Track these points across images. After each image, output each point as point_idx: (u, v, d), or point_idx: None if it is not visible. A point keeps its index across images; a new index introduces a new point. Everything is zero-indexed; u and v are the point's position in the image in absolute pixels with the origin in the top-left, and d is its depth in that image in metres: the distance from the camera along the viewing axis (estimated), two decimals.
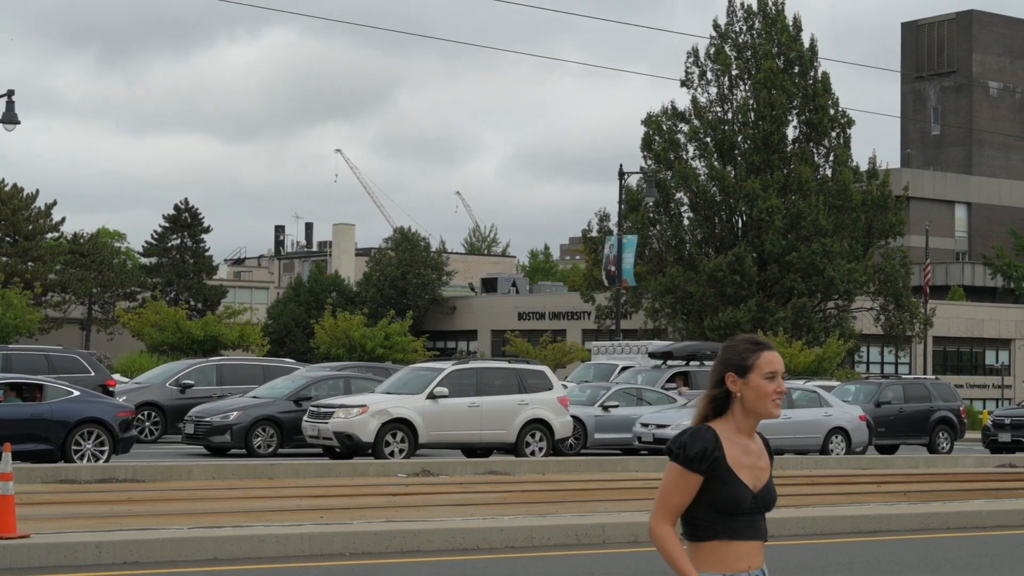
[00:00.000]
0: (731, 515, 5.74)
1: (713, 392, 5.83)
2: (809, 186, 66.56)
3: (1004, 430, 40.75)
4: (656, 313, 68.83)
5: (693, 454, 5.67)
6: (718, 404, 5.82)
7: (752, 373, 5.76)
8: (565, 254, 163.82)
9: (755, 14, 69.63)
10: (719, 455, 5.69)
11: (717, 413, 5.82)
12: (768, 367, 5.77)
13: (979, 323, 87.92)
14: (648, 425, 34.85)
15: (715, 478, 5.69)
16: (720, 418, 5.81)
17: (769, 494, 5.86)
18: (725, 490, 5.70)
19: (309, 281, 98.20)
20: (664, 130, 69.65)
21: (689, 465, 5.68)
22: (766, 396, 5.76)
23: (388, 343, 63.36)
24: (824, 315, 68.06)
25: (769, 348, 5.83)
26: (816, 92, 68.67)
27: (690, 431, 5.75)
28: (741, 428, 5.80)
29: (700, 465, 5.67)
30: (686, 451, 5.68)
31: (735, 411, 5.80)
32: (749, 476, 5.76)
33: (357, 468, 26.53)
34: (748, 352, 5.80)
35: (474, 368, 32.79)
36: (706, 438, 5.70)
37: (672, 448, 5.74)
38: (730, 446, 5.73)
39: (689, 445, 5.69)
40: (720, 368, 5.82)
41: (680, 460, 5.70)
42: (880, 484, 25.52)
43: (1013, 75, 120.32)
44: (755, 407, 5.78)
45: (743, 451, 5.77)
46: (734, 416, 5.80)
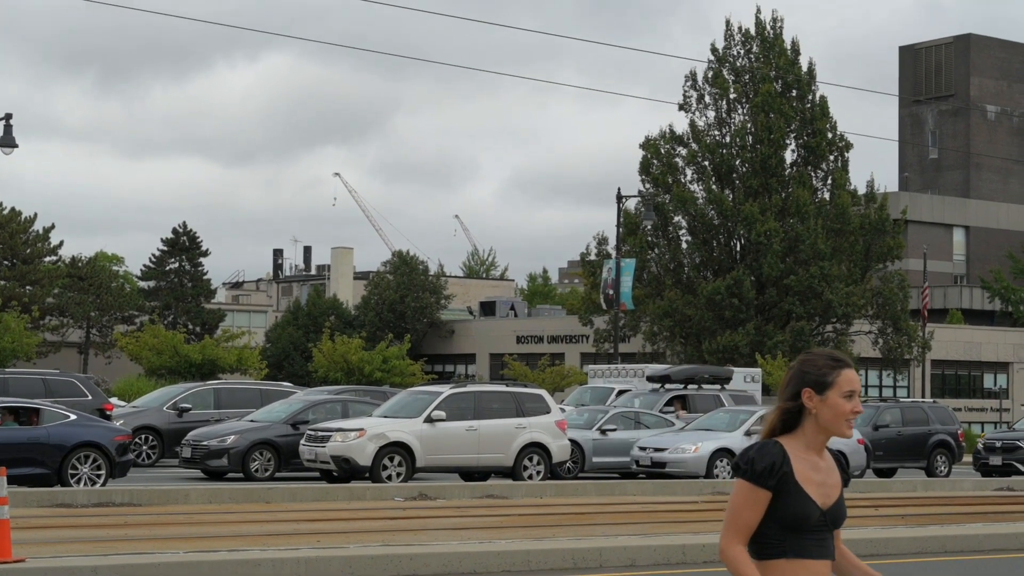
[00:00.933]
0: (799, 533, 5.55)
1: (786, 406, 5.65)
2: (807, 209, 66.62)
3: (995, 453, 40.52)
4: (654, 336, 68.82)
5: (761, 469, 5.49)
6: (789, 419, 5.66)
7: (831, 390, 5.60)
8: (563, 278, 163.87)
9: (753, 38, 69.79)
10: (787, 470, 5.52)
11: (787, 428, 5.66)
12: (848, 385, 5.61)
13: (977, 346, 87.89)
14: (646, 449, 34.80)
15: (783, 494, 5.52)
16: (789, 434, 5.64)
17: (838, 511, 5.65)
18: (793, 506, 5.52)
19: (307, 305, 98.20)
20: (662, 154, 69.74)
21: (757, 480, 5.50)
22: (842, 415, 5.60)
23: (386, 367, 63.33)
24: (822, 338, 68.04)
25: (849, 366, 5.67)
26: (814, 116, 68.79)
27: (757, 446, 5.59)
28: (811, 445, 5.63)
29: (768, 480, 5.49)
30: (754, 466, 5.51)
31: (806, 427, 5.63)
32: (818, 493, 5.57)
33: (354, 492, 26.47)
34: (828, 368, 5.64)
35: (472, 392, 32.76)
36: (774, 452, 5.54)
37: (739, 463, 5.56)
38: (798, 462, 5.56)
39: (757, 460, 5.52)
40: (797, 382, 5.64)
41: (748, 475, 5.52)
42: (878, 507, 25.48)
43: (1011, 99, 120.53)
44: (830, 425, 5.61)
45: (812, 467, 5.60)
46: (804, 432, 5.63)
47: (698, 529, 20.19)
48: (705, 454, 33.97)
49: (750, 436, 34.90)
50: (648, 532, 19.40)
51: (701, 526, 20.85)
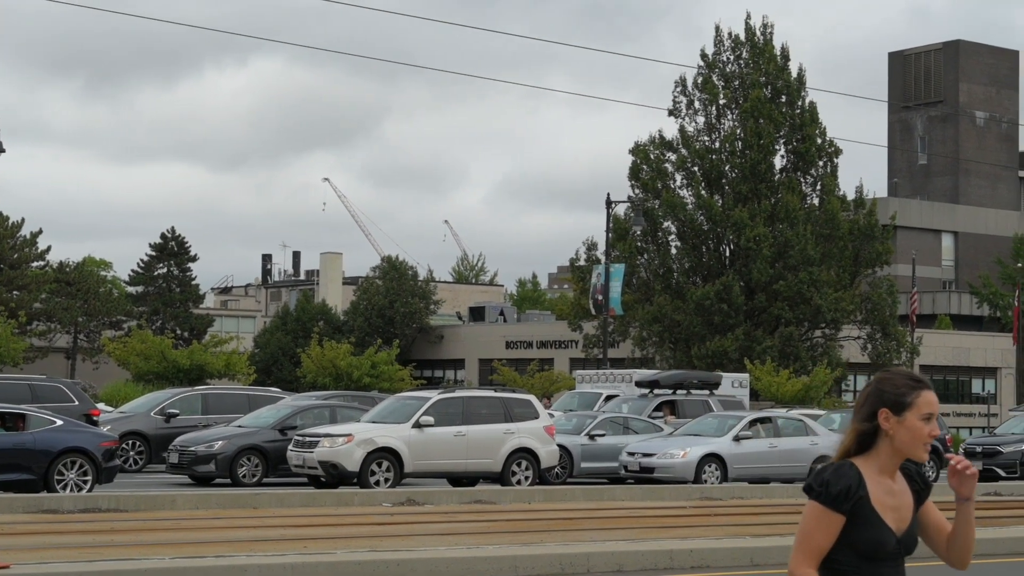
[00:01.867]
0: (874, 561, 5.33)
1: (861, 427, 5.41)
2: (796, 215, 66.67)
3: (976, 459, 40.33)
4: (643, 342, 68.81)
5: (836, 492, 5.26)
6: (864, 440, 5.41)
7: (909, 412, 5.37)
8: (553, 283, 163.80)
9: (742, 44, 69.83)
10: (863, 495, 5.30)
11: (862, 449, 5.41)
12: (927, 408, 5.38)
13: (966, 352, 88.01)
14: (635, 454, 34.78)
15: (858, 519, 5.30)
16: (863, 455, 5.40)
17: (912, 537, 5.44)
18: (868, 532, 5.30)
19: (296, 310, 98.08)
20: (652, 159, 69.75)
21: (832, 504, 5.26)
22: (920, 438, 5.36)
23: (375, 372, 63.26)
24: (811, 344, 68.09)
25: (928, 387, 5.45)
26: (803, 121, 68.84)
27: (832, 467, 5.35)
28: (885, 468, 5.39)
29: (843, 504, 5.27)
30: (828, 489, 5.27)
31: (881, 449, 5.39)
32: (893, 519, 5.35)
33: (342, 497, 26.41)
34: (908, 389, 5.41)
35: (460, 397, 32.73)
36: (849, 475, 5.31)
37: (812, 485, 5.32)
38: (874, 486, 5.33)
39: (832, 483, 5.28)
40: (874, 402, 5.41)
41: (822, 499, 5.28)
42: None
43: (999, 105, 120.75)
44: (906, 448, 5.38)
45: (887, 492, 5.37)
46: (879, 455, 5.39)
47: (686, 534, 20.16)
48: (693, 459, 33.95)
49: (739, 441, 34.92)
50: (636, 537, 19.36)
51: (689, 531, 20.83)
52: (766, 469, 35.24)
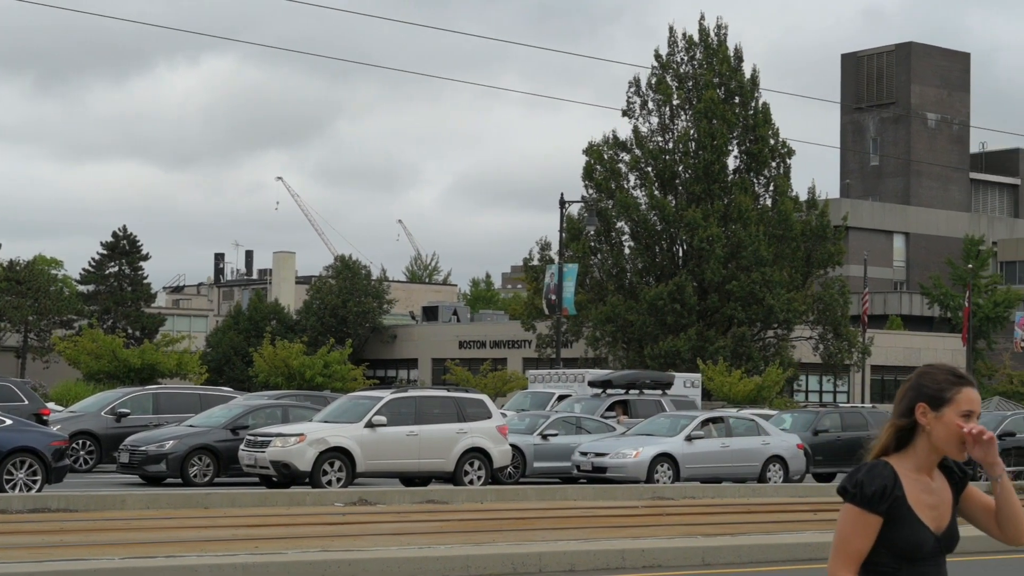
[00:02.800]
0: (914, 561, 5.16)
1: (900, 422, 5.25)
2: (749, 216, 66.90)
3: None
4: (596, 342, 68.91)
5: (871, 493, 5.10)
6: (902, 435, 5.25)
7: (948, 407, 5.17)
8: (506, 283, 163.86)
9: (696, 45, 70.01)
10: (899, 494, 5.13)
11: (899, 446, 5.25)
12: (967, 404, 5.17)
13: (916, 352, 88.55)
14: (587, 454, 34.79)
15: (895, 520, 5.13)
16: (900, 452, 5.24)
17: (952, 535, 5.26)
18: (906, 533, 5.13)
19: (248, 309, 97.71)
20: (605, 159, 69.85)
21: (867, 505, 5.10)
22: (957, 436, 5.16)
23: (327, 372, 63.07)
24: (763, 344, 68.35)
25: (971, 384, 5.25)
26: (757, 122, 69.11)
27: (866, 467, 5.20)
28: (922, 465, 5.22)
29: (879, 505, 5.10)
30: (863, 489, 5.11)
31: (918, 446, 5.22)
32: (931, 517, 5.18)
33: (294, 497, 26.31)
34: (948, 384, 5.21)
35: (413, 397, 32.66)
36: (884, 475, 5.14)
37: (846, 487, 5.16)
38: (910, 484, 5.16)
39: (866, 483, 5.12)
40: (912, 396, 5.24)
41: (857, 500, 5.12)
42: (817, 512, 25.57)
43: (951, 107, 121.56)
44: (942, 445, 5.19)
45: (924, 489, 5.19)
46: (916, 451, 5.22)
47: (638, 534, 20.19)
48: (646, 459, 33.99)
49: (691, 441, 34.99)
50: (588, 537, 19.37)
51: (641, 531, 20.85)
52: (718, 469, 35.32)
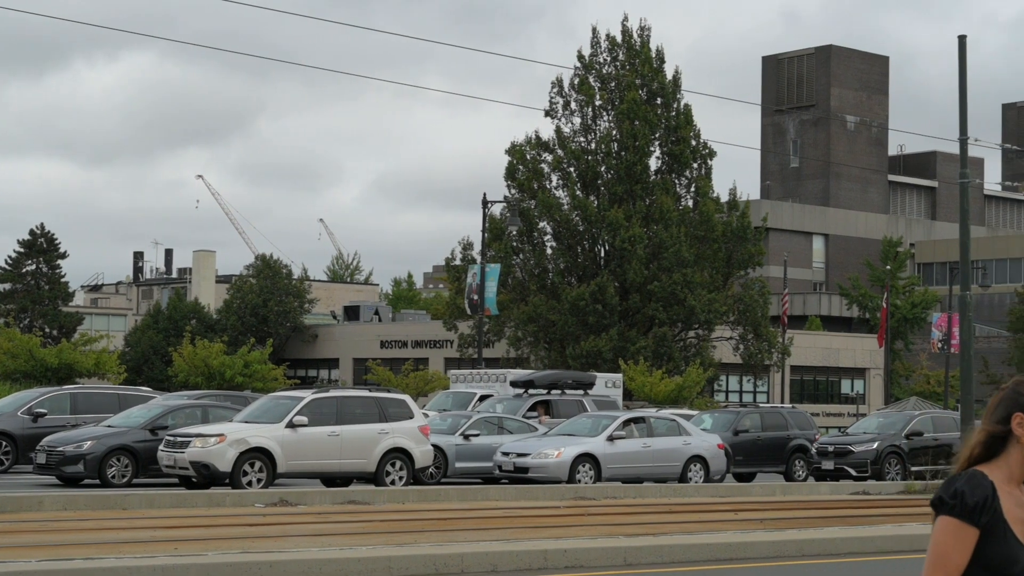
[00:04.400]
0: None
1: (993, 429, 4.98)
2: (671, 216, 67.20)
3: (828, 458, 40.51)
4: (518, 342, 68.97)
5: (973, 504, 4.82)
6: (993, 445, 4.98)
7: None
8: (428, 282, 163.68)
9: (619, 46, 70.22)
10: (998, 507, 4.86)
11: (988, 456, 4.98)
12: None
13: (835, 353, 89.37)
14: (509, 454, 34.80)
15: (990, 534, 4.84)
16: (989, 463, 4.97)
17: None
18: (1000, 548, 4.84)
19: (168, 308, 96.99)
20: (528, 159, 69.91)
21: (968, 518, 4.81)
22: None
23: (248, 371, 62.74)
24: (684, 344, 68.67)
25: None
26: (678, 124, 69.41)
27: (966, 477, 4.90)
28: (1013, 476, 4.95)
29: (980, 517, 4.81)
30: (964, 501, 4.82)
31: (1011, 456, 4.95)
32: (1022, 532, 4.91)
33: (214, 498, 26.12)
34: None
35: (334, 397, 32.51)
36: (985, 485, 4.86)
37: (943, 498, 4.87)
38: (1004, 496, 4.90)
39: (968, 494, 4.83)
40: (1009, 405, 4.98)
41: (957, 512, 4.83)
42: (737, 512, 25.71)
43: (869, 110, 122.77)
44: None
45: (1017, 503, 4.92)
46: (1008, 462, 4.96)
47: (560, 534, 20.20)
48: (568, 459, 34.05)
49: (612, 441, 35.08)
50: (510, 537, 19.35)
51: (563, 531, 20.87)
52: (639, 469, 35.44)
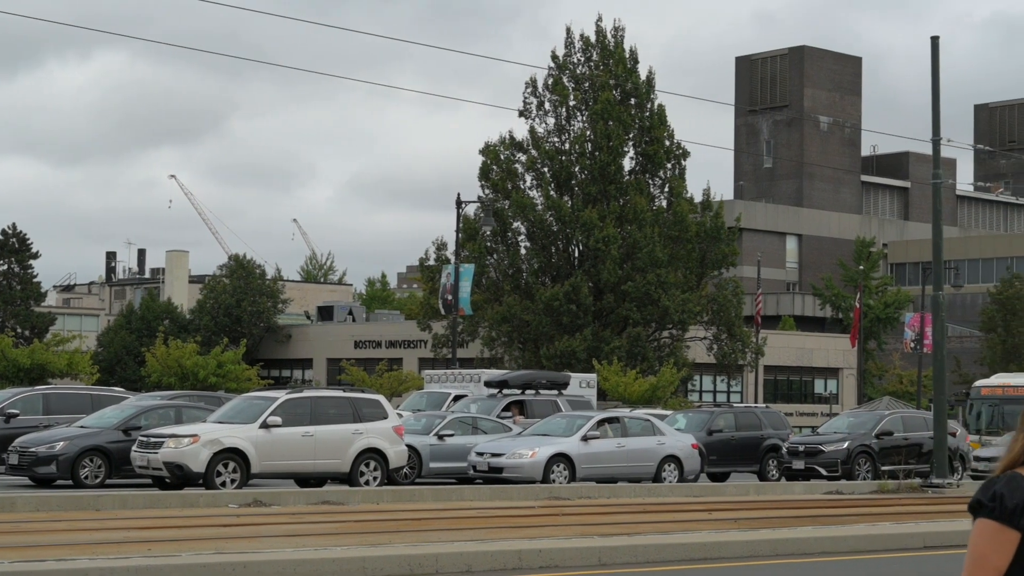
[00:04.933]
0: None
1: None
2: (645, 217, 67.26)
3: (798, 458, 40.52)
4: (492, 342, 68.95)
5: (1012, 506, 4.73)
6: None
7: None
8: (402, 283, 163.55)
9: (593, 46, 70.24)
10: None
11: None
12: None
13: (808, 352, 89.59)
14: (483, 454, 34.80)
15: None
16: None
17: None
18: None
19: (141, 308, 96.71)
20: (502, 160, 69.88)
21: (1008, 520, 4.72)
22: None
23: (221, 371, 62.58)
24: (658, 344, 68.73)
25: None
26: (652, 124, 69.46)
27: (1005, 479, 4.82)
28: None
29: (1021, 519, 4.72)
30: (1003, 503, 4.73)
31: None
32: None
33: (187, 499, 26.05)
34: None
35: (308, 397, 32.45)
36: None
37: (982, 500, 4.79)
38: None
39: (1007, 496, 4.74)
40: None
41: (995, 514, 4.74)
42: (711, 512, 25.75)
43: (842, 110, 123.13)
44: None
45: None
46: None
47: (534, 534, 20.20)
48: (542, 459, 34.06)
49: (587, 441, 35.10)
50: (485, 538, 19.35)
51: (537, 531, 20.87)
52: (613, 469, 35.47)
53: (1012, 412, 50.82)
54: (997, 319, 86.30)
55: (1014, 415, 50.68)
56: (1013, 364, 77.90)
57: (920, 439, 41.42)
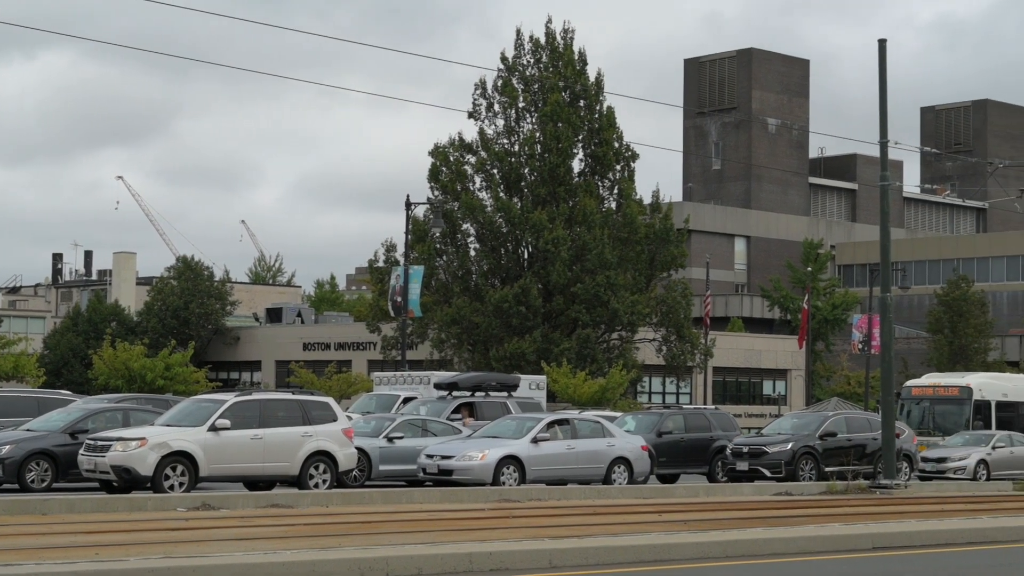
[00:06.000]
0: None
1: None
2: (594, 218, 67.35)
3: (742, 459, 40.54)
4: (442, 344, 68.86)
5: None
6: None
7: None
8: (351, 284, 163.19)
9: (542, 47, 70.27)
10: None
11: None
12: None
13: (757, 354, 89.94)
14: (433, 456, 34.73)
15: None
16: None
17: None
18: None
19: (88, 310, 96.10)
20: (451, 161, 69.81)
21: None
22: None
23: (169, 374, 62.15)
24: (608, 346, 68.82)
25: None
26: (601, 126, 69.55)
27: None
28: None
29: None
30: None
31: None
32: None
33: (135, 503, 25.88)
34: None
35: (257, 400, 32.28)
36: None
37: None
38: None
39: None
40: None
41: None
42: (661, 513, 25.77)
43: (790, 112, 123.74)
44: None
45: None
46: None
47: (485, 537, 20.16)
48: (492, 461, 34.02)
49: (537, 443, 35.09)
50: (435, 540, 19.29)
51: (488, 534, 20.83)
52: (564, 471, 35.47)
53: (942, 412, 51.22)
54: (944, 320, 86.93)
55: (944, 415, 51.08)
56: (959, 365, 78.54)
57: (864, 440, 41.61)
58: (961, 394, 51.19)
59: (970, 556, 20.84)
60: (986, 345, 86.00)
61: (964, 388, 51.32)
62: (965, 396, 51.02)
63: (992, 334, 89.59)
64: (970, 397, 50.88)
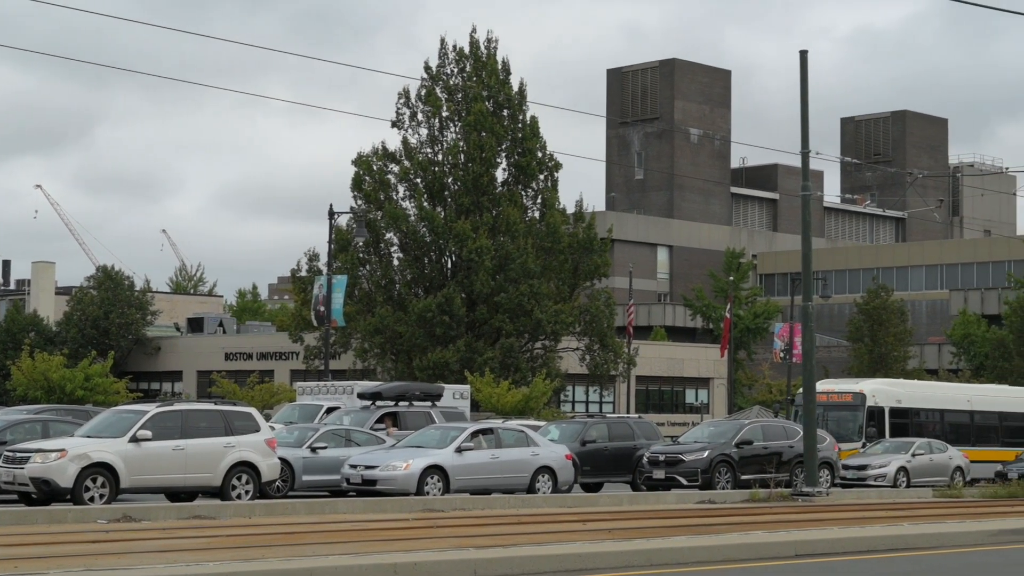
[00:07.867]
0: None
1: None
2: (517, 228, 67.45)
3: (659, 467, 40.54)
4: (365, 353, 68.68)
5: None
6: None
7: None
8: (273, 294, 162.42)
9: (467, 57, 70.30)
10: None
11: None
12: None
13: (679, 363, 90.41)
14: (357, 466, 34.61)
15: None
16: None
17: None
18: None
19: (6, 320, 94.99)
20: (374, 170, 69.67)
21: None
22: None
23: (89, 385, 61.64)
24: (531, 355, 68.92)
25: None
26: (525, 135, 69.68)
27: None
28: None
29: None
30: None
31: None
32: None
33: (55, 515, 25.60)
34: None
35: (179, 410, 32.02)
36: None
37: None
38: None
39: None
40: None
41: None
42: (585, 522, 25.81)
43: (712, 123, 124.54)
44: None
45: None
46: None
47: (410, 547, 20.10)
48: (416, 471, 33.95)
49: (461, 453, 35.06)
50: (359, 551, 19.21)
51: (413, 544, 20.77)
52: (488, 480, 35.46)
53: (836, 418, 51.47)
54: (864, 329, 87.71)
55: (838, 421, 51.35)
56: (880, 372, 79.23)
57: (780, 448, 41.83)
58: (854, 400, 51.32)
59: (892, 563, 21.03)
60: (905, 353, 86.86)
61: (857, 394, 51.45)
62: (858, 402, 51.14)
63: (912, 342, 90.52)
64: (863, 403, 51.01)
